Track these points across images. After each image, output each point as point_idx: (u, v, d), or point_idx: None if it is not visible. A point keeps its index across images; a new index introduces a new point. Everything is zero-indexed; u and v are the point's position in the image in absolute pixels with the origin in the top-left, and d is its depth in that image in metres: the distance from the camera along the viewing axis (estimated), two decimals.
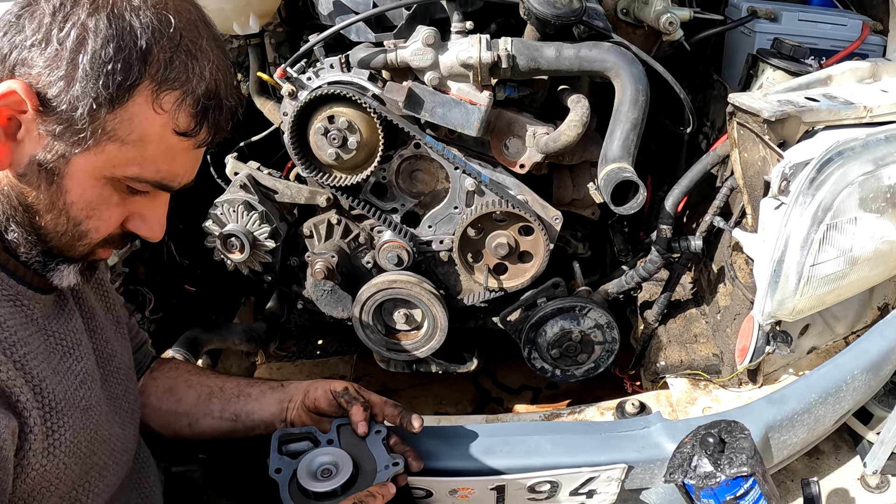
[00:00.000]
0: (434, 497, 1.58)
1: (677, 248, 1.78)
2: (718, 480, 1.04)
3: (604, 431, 1.59)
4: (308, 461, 1.25)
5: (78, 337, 1.08)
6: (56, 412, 0.95)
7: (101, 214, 0.95)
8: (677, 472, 1.11)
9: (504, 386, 2.60)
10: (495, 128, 1.72)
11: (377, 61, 1.63)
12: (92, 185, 0.92)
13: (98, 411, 1.05)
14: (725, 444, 1.09)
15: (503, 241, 1.77)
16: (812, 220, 1.45)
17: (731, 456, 1.07)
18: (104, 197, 0.94)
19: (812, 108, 1.56)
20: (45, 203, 0.92)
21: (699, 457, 1.09)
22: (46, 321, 1.02)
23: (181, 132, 0.92)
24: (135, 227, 1.01)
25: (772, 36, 1.94)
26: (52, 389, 0.95)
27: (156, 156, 0.93)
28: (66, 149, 0.88)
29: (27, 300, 0.98)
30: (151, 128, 0.90)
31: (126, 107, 0.88)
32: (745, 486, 1.04)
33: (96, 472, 1.06)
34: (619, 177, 1.49)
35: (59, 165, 0.89)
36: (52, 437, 0.94)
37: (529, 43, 1.62)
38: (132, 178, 0.93)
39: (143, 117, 0.89)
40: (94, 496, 1.06)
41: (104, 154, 0.90)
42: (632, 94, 1.58)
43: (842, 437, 2.42)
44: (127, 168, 0.92)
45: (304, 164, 1.72)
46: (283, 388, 1.42)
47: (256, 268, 1.87)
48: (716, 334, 1.88)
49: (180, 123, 0.92)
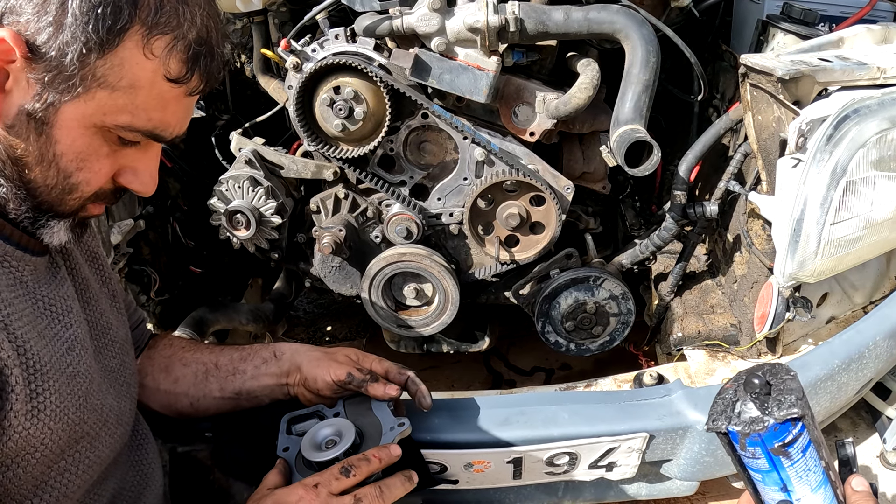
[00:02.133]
0: (449, 471, 1.54)
1: (692, 215, 1.74)
2: (766, 425, 0.96)
3: (623, 400, 1.56)
4: (312, 434, 1.24)
5: (69, 304, 1.06)
6: (41, 374, 0.93)
7: (92, 166, 0.94)
8: (720, 418, 1.01)
9: (516, 368, 2.56)
10: (504, 95, 1.69)
11: (382, 28, 1.61)
12: (82, 135, 0.91)
13: (87, 379, 1.03)
14: (771, 385, 1.00)
15: (514, 211, 1.74)
16: (831, 177, 1.43)
17: (778, 398, 0.98)
18: (94, 147, 0.93)
19: (826, 68, 1.53)
20: (35, 155, 0.90)
21: (743, 401, 1.00)
22: (37, 285, 1.00)
23: (172, 78, 0.92)
24: (126, 181, 1.00)
25: (780, 2, 1.91)
26: (38, 352, 0.93)
27: (147, 103, 0.92)
28: (56, 97, 0.87)
29: (16, 261, 0.96)
30: (142, 73, 0.89)
31: (116, 52, 0.87)
32: (793, 432, 0.96)
33: (87, 441, 1.04)
34: (632, 137, 1.47)
35: (48, 115, 0.88)
36: (37, 400, 0.92)
37: (537, 6, 1.59)
38: (123, 126, 0.92)
39: (133, 62, 0.88)
40: (84, 467, 1.04)
41: (94, 101, 0.89)
42: (643, 55, 1.56)
43: (860, 413, 2.38)
44: (118, 116, 0.90)
45: (311, 137, 1.69)
46: (276, 360, 1.38)
47: (263, 245, 1.84)
48: (733, 304, 1.85)
49: (171, 69, 0.91)
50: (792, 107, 1.49)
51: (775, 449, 0.96)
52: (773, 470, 0.98)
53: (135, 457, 1.22)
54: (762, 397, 0.98)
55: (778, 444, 0.96)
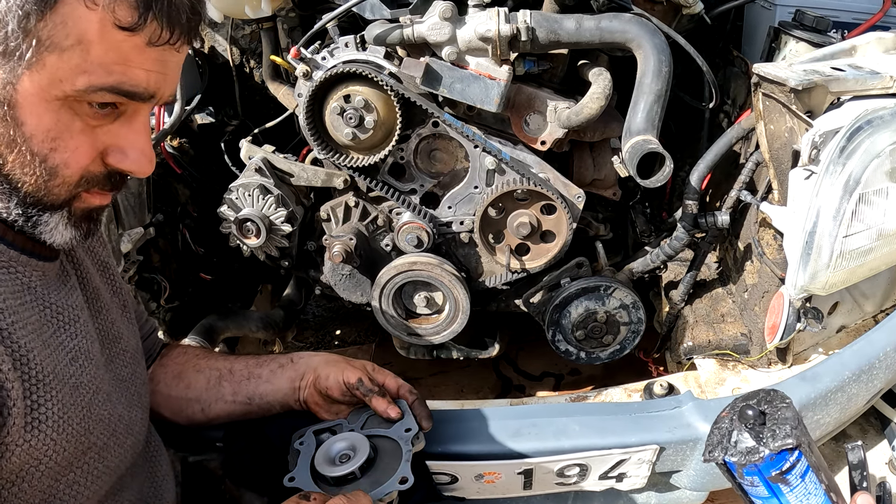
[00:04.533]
0: (459, 483, 1.54)
1: (703, 224, 1.74)
2: (762, 455, 0.97)
3: (634, 412, 1.55)
4: (326, 449, 1.23)
5: (76, 313, 1.04)
6: (43, 385, 0.90)
7: (67, 144, 0.88)
8: (717, 449, 1.02)
9: (525, 373, 2.56)
10: (515, 103, 1.69)
11: (393, 37, 1.60)
12: (46, 110, 0.86)
13: (91, 389, 1.01)
14: (766, 415, 1.01)
15: (525, 220, 1.73)
16: (844, 189, 1.42)
17: (773, 428, 0.99)
18: (64, 123, 0.87)
19: (838, 78, 1.52)
20: (5, 142, 0.86)
21: (739, 431, 1.01)
22: (46, 291, 0.98)
23: (124, 26, 0.85)
24: (116, 160, 0.94)
25: (792, 9, 1.90)
26: (40, 362, 0.90)
27: (101, 57, 0.85)
28: (8, 74, 0.83)
29: (22, 266, 0.94)
30: (88, 26, 0.83)
31: (56, 9, 0.82)
32: (790, 460, 0.96)
33: (95, 452, 1.02)
34: (644, 149, 1.46)
35: (6, 95, 0.83)
36: (37, 412, 0.90)
37: (549, 15, 1.59)
38: (84, 89, 0.85)
39: (76, 17, 0.83)
40: (93, 478, 1.02)
41: (47, 69, 0.83)
42: (655, 64, 1.55)
43: (869, 420, 2.37)
44: (75, 79, 0.84)
45: (321, 146, 1.69)
46: (292, 364, 1.37)
47: (273, 253, 1.84)
48: (743, 313, 1.84)
49: (120, 17, 0.84)
50: (804, 117, 1.48)
51: (773, 477, 0.97)
52: (773, 496, 0.99)
53: (149, 468, 1.22)
54: (757, 427, 0.99)
55: (776, 473, 0.96)
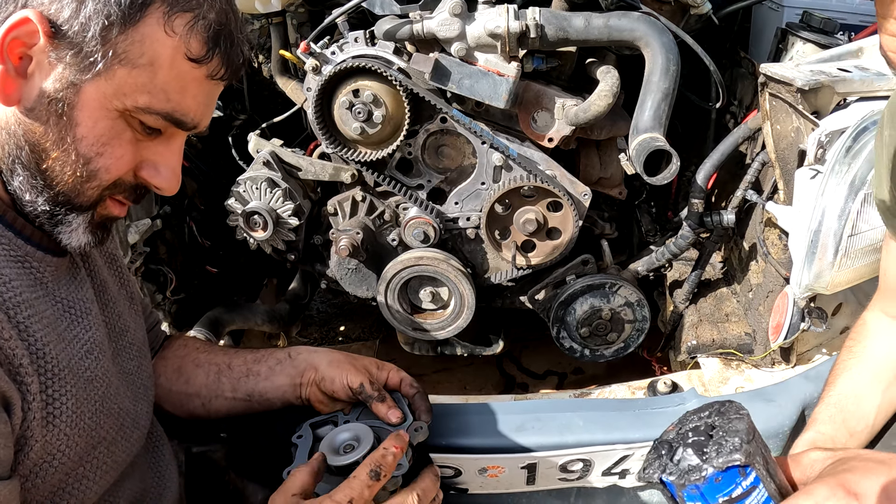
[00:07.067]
0: (463, 476, 1.55)
1: (709, 223, 1.74)
2: (704, 475, 0.79)
3: (638, 408, 1.56)
4: (330, 440, 1.22)
5: (88, 306, 1.05)
6: (58, 379, 0.91)
7: (113, 151, 0.92)
8: (652, 465, 0.84)
9: (529, 371, 2.56)
10: (523, 100, 1.69)
11: (403, 32, 1.61)
12: (103, 117, 0.89)
13: (104, 383, 1.02)
14: (715, 428, 0.83)
15: (531, 216, 1.74)
16: (849, 188, 1.42)
17: (719, 442, 0.80)
18: (116, 132, 0.91)
19: (845, 79, 1.53)
20: (54, 139, 0.89)
21: (682, 447, 0.83)
22: (57, 285, 0.99)
23: (193, 58, 0.90)
24: (148, 175, 0.98)
25: (800, 10, 1.90)
26: (55, 356, 0.92)
27: (166, 83, 0.90)
28: (77, 76, 0.86)
29: (36, 261, 0.95)
30: (163, 50, 0.88)
31: (138, 27, 0.86)
32: (742, 484, 0.78)
33: (104, 447, 1.02)
34: (651, 146, 1.47)
35: (68, 95, 0.87)
36: (52, 406, 0.90)
37: (558, 12, 1.59)
38: (142, 108, 0.90)
39: (154, 38, 0.88)
40: (101, 472, 1.02)
41: (114, 80, 0.87)
42: (663, 63, 1.56)
43: None
44: (137, 96, 0.89)
45: (329, 140, 1.70)
46: (291, 360, 1.36)
47: (279, 246, 1.85)
48: (748, 313, 1.84)
49: (192, 48, 0.90)
50: (811, 117, 1.49)
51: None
52: None
53: (152, 459, 1.22)
54: (701, 441, 0.82)
55: (723, 499, 0.80)
